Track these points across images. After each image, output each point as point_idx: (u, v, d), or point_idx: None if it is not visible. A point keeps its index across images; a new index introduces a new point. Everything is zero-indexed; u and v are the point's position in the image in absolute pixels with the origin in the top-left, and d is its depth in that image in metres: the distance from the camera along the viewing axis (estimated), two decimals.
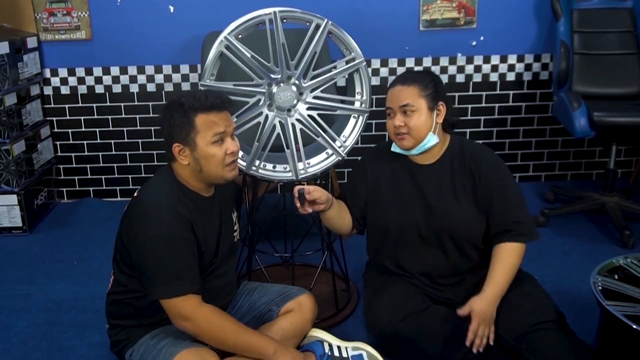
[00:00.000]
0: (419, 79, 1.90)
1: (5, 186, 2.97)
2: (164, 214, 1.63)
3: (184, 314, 1.62)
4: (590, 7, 3.11)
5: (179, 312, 1.62)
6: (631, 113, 2.72)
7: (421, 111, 1.88)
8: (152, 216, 1.63)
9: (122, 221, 1.74)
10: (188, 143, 1.67)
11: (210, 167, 1.69)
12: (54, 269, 2.66)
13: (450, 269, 1.98)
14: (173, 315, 1.64)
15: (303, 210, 1.86)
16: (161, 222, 1.62)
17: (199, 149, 1.66)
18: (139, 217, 1.65)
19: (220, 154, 1.68)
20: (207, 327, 1.64)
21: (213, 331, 1.65)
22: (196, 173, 1.71)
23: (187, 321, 1.63)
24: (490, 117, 3.45)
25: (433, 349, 1.85)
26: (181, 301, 1.61)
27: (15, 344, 2.11)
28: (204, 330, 1.65)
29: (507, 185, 1.93)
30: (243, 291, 1.98)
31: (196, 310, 1.63)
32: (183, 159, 1.69)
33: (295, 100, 2.01)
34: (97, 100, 3.31)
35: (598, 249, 2.69)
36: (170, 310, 1.63)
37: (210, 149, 1.67)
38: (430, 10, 3.22)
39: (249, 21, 1.93)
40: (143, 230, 1.62)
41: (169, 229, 1.61)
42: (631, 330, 1.59)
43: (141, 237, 1.62)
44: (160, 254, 1.61)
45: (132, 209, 1.70)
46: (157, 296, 1.63)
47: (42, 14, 3.18)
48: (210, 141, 1.66)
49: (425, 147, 1.92)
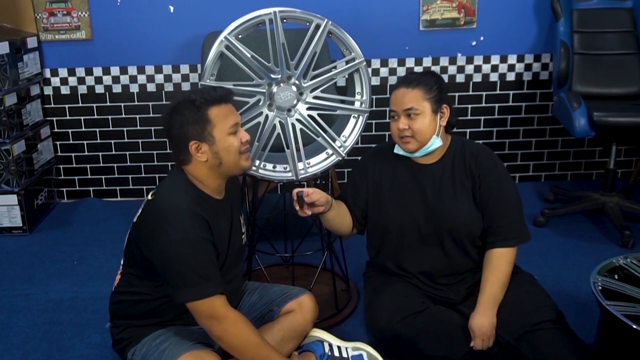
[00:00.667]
0: (423, 81, 1.90)
1: (5, 186, 2.97)
2: (186, 216, 1.63)
3: (214, 314, 1.62)
4: (590, 7, 3.11)
5: (210, 312, 1.62)
6: (631, 113, 2.72)
7: (425, 114, 1.88)
8: (172, 220, 1.62)
9: (137, 225, 1.73)
10: (205, 138, 1.67)
11: (230, 157, 1.70)
12: (54, 269, 2.66)
13: (451, 268, 1.99)
14: (202, 316, 1.63)
15: (302, 213, 1.86)
16: (184, 224, 1.62)
17: (218, 141, 1.68)
18: (159, 222, 1.63)
19: (237, 143, 1.70)
20: (233, 330, 1.63)
21: (238, 336, 1.64)
22: (214, 169, 1.71)
23: (216, 321, 1.63)
24: (490, 117, 3.45)
25: (433, 349, 1.85)
26: (209, 301, 1.61)
27: (15, 344, 2.11)
28: (229, 333, 1.63)
29: (504, 186, 1.93)
30: (244, 291, 1.97)
31: (227, 310, 1.63)
32: (201, 156, 1.68)
33: (295, 100, 2.01)
34: (97, 100, 3.31)
35: (598, 249, 2.69)
36: (199, 311, 1.63)
37: (229, 139, 1.69)
38: (430, 10, 3.22)
39: (249, 21, 1.93)
40: (166, 235, 1.60)
41: (193, 231, 1.62)
42: (631, 330, 1.59)
43: (164, 242, 1.60)
44: (187, 256, 1.60)
45: (149, 213, 1.69)
46: (185, 299, 1.62)
47: (42, 14, 3.18)
48: (227, 132, 1.68)
49: (428, 150, 1.93)
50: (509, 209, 1.92)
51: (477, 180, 1.93)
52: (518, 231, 1.92)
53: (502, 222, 1.91)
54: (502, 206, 1.91)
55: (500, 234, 1.91)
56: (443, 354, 1.85)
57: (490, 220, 1.92)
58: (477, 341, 1.81)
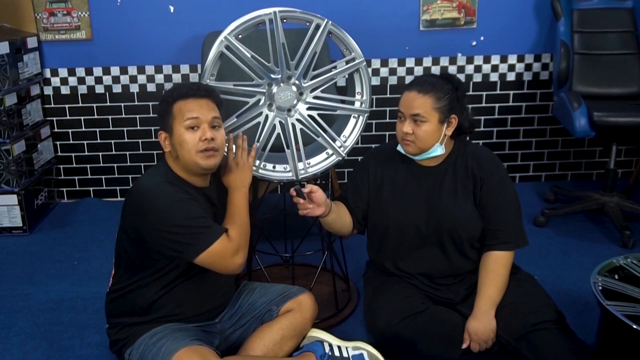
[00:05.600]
0: (437, 88, 1.86)
1: (5, 186, 2.97)
2: (162, 189, 1.68)
3: (234, 248, 1.69)
4: (590, 7, 3.11)
5: (230, 249, 1.68)
6: (631, 113, 2.72)
7: (431, 123, 1.86)
8: (156, 193, 1.66)
9: (123, 215, 1.75)
10: (167, 130, 1.74)
11: (184, 152, 1.72)
12: (54, 269, 2.66)
13: (450, 269, 1.99)
14: (226, 257, 1.68)
15: (304, 208, 1.86)
16: (165, 192, 1.66)
17: (175, 134, 1.72)
18: (142, 201, 1.67)
19: (192, 139, 1.71)
20: (246, 240, 1.75)
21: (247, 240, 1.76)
22: (177, 161, 1.75)
23: (241, 251, 1.71)
24: (490, 117, 3.45)
25: (432, 350, 1.85)
26: (225, 238, 1.67)
27: (15, 344, 2.11)
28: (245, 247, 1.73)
29: (504, 189, 1.93)
30: (243, 291, 1.98)
31: (238, 238, 1.72)
32: (166, 147, 1.75)
33: (295, 100, 2.01)
34: (97, 100, 3.31)
35: (598, 249, 2.69)
36: (219, 255, 1.67)
37: (184, 134, 1.71)
38: (430, 10, 3.22)
39: (249, 21, 1.92)
40: (153, 208, 1.64)
41: (176, 194, 1.67)
42: (631, 330, 1.59)
43: (154, 214, 1.64)
44: (181, 215, 1.64)
45: (130, 199, 1.72)
46: (200, 249, 1.64)
47: (42, 14, 3.18)
48: (184, 126, 1.71)
49: (429, 156, 1.93)
50: (508, 213, 1.92)
51: (478, 182, 1.93)
52: (516, 235, 1.92)
53: (500, 225, 1.91)
54: (502, 209, 1.91)
55: (498, 237, 1.91)
56: (443, 354, 1.85)
57: (489, 223, 1.92)
58: (474, 345, 1.82)
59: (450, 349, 1.84)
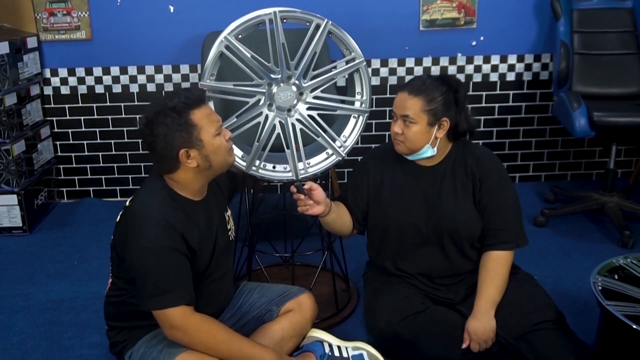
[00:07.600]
0: (428, 91, 1.85)
1: (5, 186, 2.97)
2: (154, 225, 1.61)
3: (174, 324, 1.61)
4: (590, 7, 3.11)
5: (170, 322, 1.61)
6: (631, 113, 2.72)
7: (420, 125, 1.86)
8: (142, 228, 1.61)
9: (114, 232, 1.74)
10: (193, 144, 1.63)
11: (219, 158, 1.68)
12: (54, 269, 2.66)
13: (450, 269, 1.99)
14: (164, 326, 1.63)
15: (303, 205, 1.86)
16: (150, 234, 1.60)
17: (206, 144, 1.65)
18: (130, 229, 1.64)
19: (223, 143, 1.69)
20: (199, 336, 1.63)
21: (204, 340, 1.64)
22: (203, 172, 1.69)
23: (178, 331, 1.62)
24: (490, 117, 3.45)
25: (432, 350, 1.85)
26: (171, 312, 1.60)
27: (15, 344, 2.11)
28: (195, 340, 1.63)
29: (504, 189, 1.93)
30: (243, 291, 1.97)
31: (186, 320, 1.62)
32: (191, 162, 1.65)
33: (295, 100, 2.01)
34: (97, 100, 3.31)
35: (598, 249, 2.69)
36: (161, 320, 1.63)
37: (216, 140, 1.67)
38: (430, 10, 3.22)
39: (249, 21, 1.92)
40: (134, 243, 1.61)
41: (158, 240, 1.60)
42: (631, 330, 1.59)
43: (132, 250, 1.62)
44: (150, 266, 1.60)
45: (124, 220, 1.70)
46: (147, 307, 1.62)
47: (42, 14, 3.18)
48: (214, 133, 1.66)
49: (420, 157, 1.93)
50: (508, 212, 1.92)
51: (478, 181, 1.93)
52: (516, 235, 1.92)
53: (500, 225, 1.91)
54: (501, 209, 1.91)
55: (497, 236, 1.91)
56: (443, 354, 1.85)
57: (489, 222, 1.92)
58: (473, 345, 1.82)
59: (450, 349, 1.84)
